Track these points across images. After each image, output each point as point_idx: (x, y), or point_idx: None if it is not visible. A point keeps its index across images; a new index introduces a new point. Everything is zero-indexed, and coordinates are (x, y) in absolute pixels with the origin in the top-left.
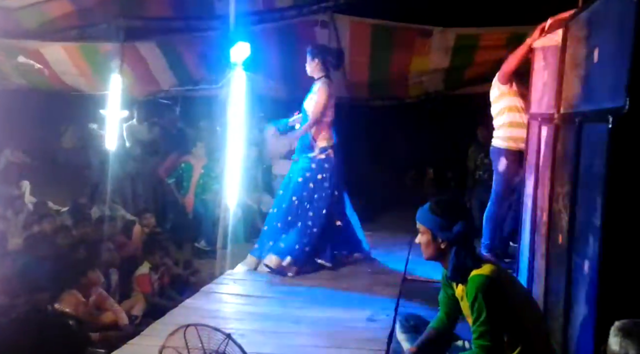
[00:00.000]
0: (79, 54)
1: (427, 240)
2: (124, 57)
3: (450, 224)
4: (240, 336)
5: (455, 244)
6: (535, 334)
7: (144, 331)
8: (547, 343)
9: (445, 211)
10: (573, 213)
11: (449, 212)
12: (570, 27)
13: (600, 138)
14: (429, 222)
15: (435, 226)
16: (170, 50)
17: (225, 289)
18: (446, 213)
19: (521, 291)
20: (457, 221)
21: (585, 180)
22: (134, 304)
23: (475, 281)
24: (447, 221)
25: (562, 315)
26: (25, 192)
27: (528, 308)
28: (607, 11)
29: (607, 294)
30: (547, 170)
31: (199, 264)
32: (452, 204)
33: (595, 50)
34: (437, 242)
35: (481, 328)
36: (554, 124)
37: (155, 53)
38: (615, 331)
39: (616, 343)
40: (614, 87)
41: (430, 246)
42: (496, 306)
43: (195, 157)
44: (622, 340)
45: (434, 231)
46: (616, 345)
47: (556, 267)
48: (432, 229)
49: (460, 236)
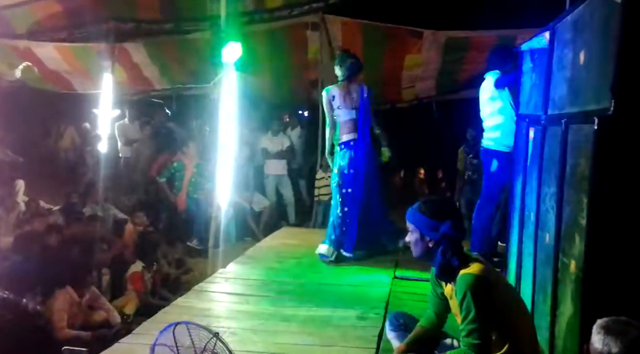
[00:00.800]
0: (71, 52)
1: (415, 239)
2: (115, 57)
3: (438, 224)
4: (232, 334)
5: (442, 244)
6: (522, 333)
7: (136, 330)
8: (534, 341)
9: (433, 211)
10: (560, 213)
11: (437, 212)
12: (557, 29)
13: (586, 139)
14: (418, 221)
15: (423, 226)
16: (160, 52)
17: (217, 288)
18: (434, 213)
19: (509, 290)
20: (445, 221)
21: (571, 180)
22: (126, 303)
23: (464, 280)
24: (434, 221)
25: (549, 314)
26: (19, 191)
27: (515, 306)
28: (593, 14)
29: (592, 293)
30: (535, 170)
31: (191, 263)
32: (440, 204)
33: (581, 52)
34: (425, 241)
35: (470, 326)
36: (542, 125)
37: (145, 54)
38: (597, 328)
39: (599, 341)
40: (599, 89)
41: (418, 245)
42: (484, 304)
43: (187, 156)
44: (604, 338)
45: (422, 231)
46: (599, 343)
47: (544, 266)
48: (420, 228)
49: (447, 235)
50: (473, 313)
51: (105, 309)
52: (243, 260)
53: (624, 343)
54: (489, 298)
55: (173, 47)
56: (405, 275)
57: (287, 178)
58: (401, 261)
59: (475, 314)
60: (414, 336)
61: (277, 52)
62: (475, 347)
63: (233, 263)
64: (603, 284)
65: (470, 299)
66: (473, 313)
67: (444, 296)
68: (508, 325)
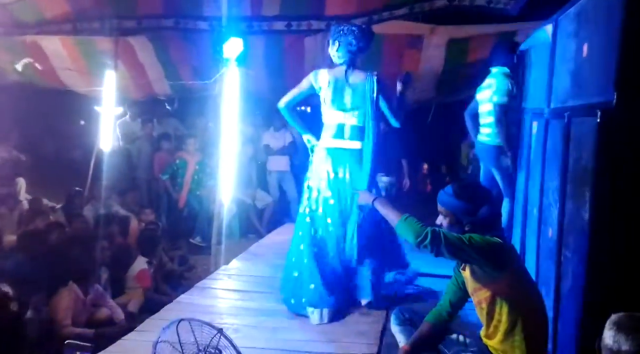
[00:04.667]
0: (76, 48)
1: (449, 222)
2: (119, 54)
3: (475, 209)
4: (235, 331)
5: (480, 228)
6: (534, 322)
7: (139, 327)
8: (545, 336)
9: (470, 195)
10: (563, 207)
11: (474, 196)
12: (559, 22)
13: (589, 132)
14: (453, 206)
15: (459, 210)
16: (163, 46)
17: (220, 285)
18: (471, 197)
19: (527, 276)
20: (482, 205)
21: (574, 174)
22: (130, 300)
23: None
24: (472, 206)
25: (552, 308)
26: (21, 189)
27: (532, 294)
28: (596, 6)
29: (595, 287)
30: (538, 164)
31: (194, 260)
32: (476, 188)
33: (584, 45)
34: (461, 225)
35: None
36: (544, 119)
37: (148, 49)
38: (610, 324)
39: (610, 337)
40: (602, 82)
41: (454, 229)
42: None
43: (189, 153)
44: (615, 334)
45: (458, 215)
46: (610, 339)
47: (547, 260)
48: (456, 213)
49: (486, 220)
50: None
51: (109, 307)
52: (246, 257)
53: (636, 341)
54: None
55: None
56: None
57: (289, 174)
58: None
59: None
60: (418, 335)
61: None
62: (436, 232)
63: (236, 260)
64: (606, 279)
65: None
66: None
67: (463, 284)
68: (521, 307)
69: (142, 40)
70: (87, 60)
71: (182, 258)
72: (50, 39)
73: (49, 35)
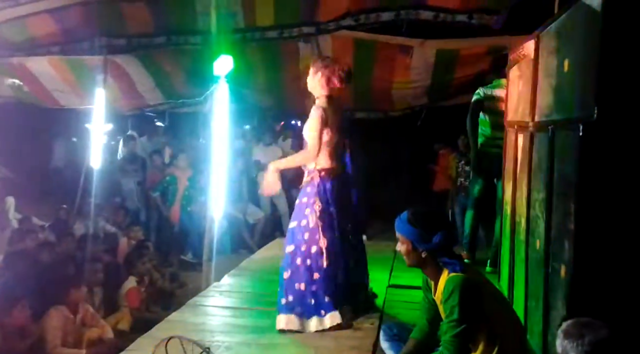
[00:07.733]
0: (65, 67)
1: (407, 250)
2: (108, 71)
3: (430, 235)
4: (226, 348)
5: (435, 254)
6: (511, 337)
7: (130, 346)
8: (524, 347)
9: (423, 222)
10: (549, 219)
11: (428, 223)
12: (541, 38)
13: (571, 146)
14: (408, 233)
15: (414, 237)
16: (153, 64)
17: (212, 302)
18: (425, 224)
19: (496, 295)
20: (437, 232)
21: (559, 186)
22: (120, 319)
23: (452, 281)
24: (426, 232)
25: (541, 320)
26: (10, 208)
27: (505, 311)
28: (575, 22)
29: (580, 297)
30: (524, 177)
31: (185, 276)
32: (430, 214)
33: (565, 60)
34: (417, 251)
35: (452, 324)
36: (529, 132)
37: (138, 68)
38: (559, 332)
39: (559, 345)
40: (583, 96)
41: (410, 255)
42: (469, 305)
43: (180, 169)
44: (562, 341)
45: (414, 242)
46: (559, 347)
47: (535, 272)
48: (411, 240)
49: (441, 245)
50: (457, 311)
51: (99, 326)
52: (237, 272)
53: (581, 346)
54: (475, 300)
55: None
56: (399, 283)
57: (281, 189)
58: (395, 268)
59: (459, 313)
60: (406, 350)
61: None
62: (452, 344)
63: (227, 276)
64: (591, 289)
65: (457, 299)
66: (457, 311)
67: (434, 302)
68: (496, 329)
69: (131, 56)
70: (77, 79)
71: (173, 275)
72: (37, 60)
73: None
